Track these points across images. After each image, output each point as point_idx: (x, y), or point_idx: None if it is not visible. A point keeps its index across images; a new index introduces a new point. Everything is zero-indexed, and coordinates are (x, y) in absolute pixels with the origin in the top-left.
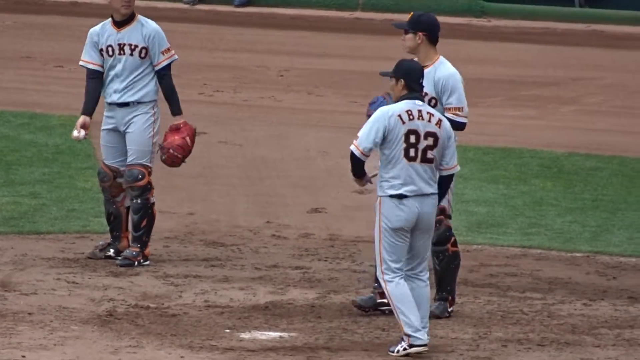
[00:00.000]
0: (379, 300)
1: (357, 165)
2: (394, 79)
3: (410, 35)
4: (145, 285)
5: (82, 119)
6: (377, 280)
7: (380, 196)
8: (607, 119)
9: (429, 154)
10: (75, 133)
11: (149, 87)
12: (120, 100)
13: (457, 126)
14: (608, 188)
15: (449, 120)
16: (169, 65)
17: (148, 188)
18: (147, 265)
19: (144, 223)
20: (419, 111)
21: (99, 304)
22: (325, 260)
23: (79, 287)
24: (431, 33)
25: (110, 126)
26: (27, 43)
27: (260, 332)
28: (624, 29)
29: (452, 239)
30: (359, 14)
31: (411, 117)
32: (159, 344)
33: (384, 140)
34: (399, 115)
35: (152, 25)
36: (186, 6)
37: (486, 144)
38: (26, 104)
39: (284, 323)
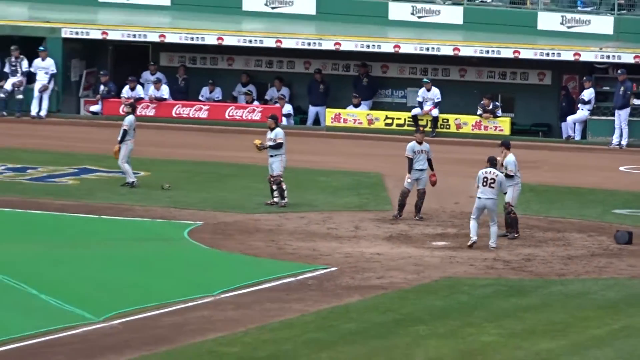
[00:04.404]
0: (505, 232)
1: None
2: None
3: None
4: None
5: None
6: (507, 227)
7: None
8: None
9: (490, 184)
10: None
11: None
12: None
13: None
14: None
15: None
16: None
17: None
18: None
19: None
20: (488, 170)
21: (388, 232)
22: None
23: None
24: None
25: None
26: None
27: (433, 242)
28: None
29: (514, 214)
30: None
31: (486, 172)
32: (406, 245)
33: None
34: (483, 173)
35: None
36: None
37: None
38: None
39: (441, 239)
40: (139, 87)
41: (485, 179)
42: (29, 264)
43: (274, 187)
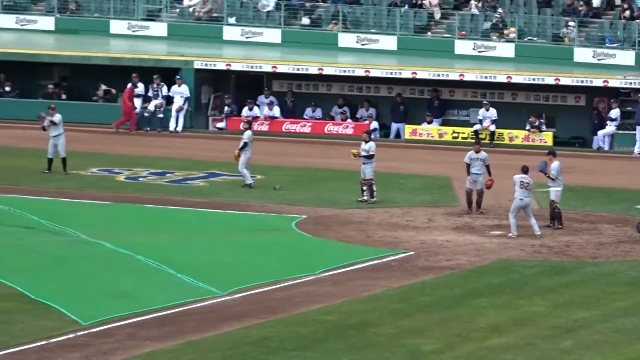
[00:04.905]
0: (549, 224)
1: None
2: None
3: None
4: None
5: None
6: (551, 220)
7: (514, 197)
8: None
9: (526, 187)
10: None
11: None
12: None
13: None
14: None
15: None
16: None
17: None
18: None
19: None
20: (523, 176)
21: (455, 223)
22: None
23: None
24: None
25: None
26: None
27: (491, 231)
28: None
29: (558, 210)
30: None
31: (522, 177)
32: (470, 234)
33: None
34: (519, 178)
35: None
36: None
37: None
38: None
39: (497, 229)
40: (255, 108)
41: (522, 183)
42: (167, 249)
43: (365, 188)
